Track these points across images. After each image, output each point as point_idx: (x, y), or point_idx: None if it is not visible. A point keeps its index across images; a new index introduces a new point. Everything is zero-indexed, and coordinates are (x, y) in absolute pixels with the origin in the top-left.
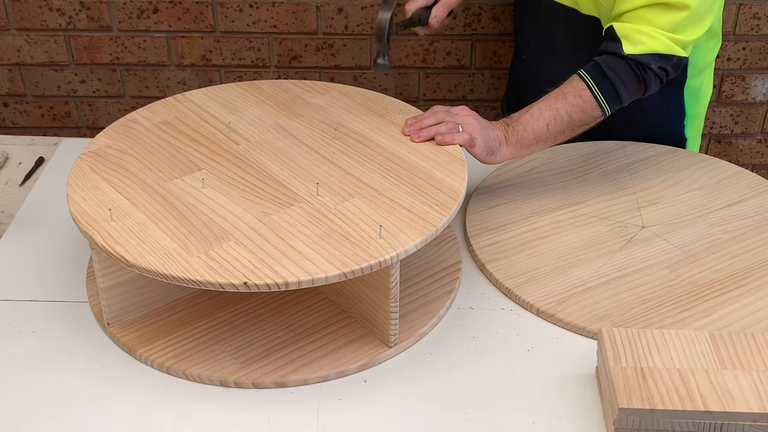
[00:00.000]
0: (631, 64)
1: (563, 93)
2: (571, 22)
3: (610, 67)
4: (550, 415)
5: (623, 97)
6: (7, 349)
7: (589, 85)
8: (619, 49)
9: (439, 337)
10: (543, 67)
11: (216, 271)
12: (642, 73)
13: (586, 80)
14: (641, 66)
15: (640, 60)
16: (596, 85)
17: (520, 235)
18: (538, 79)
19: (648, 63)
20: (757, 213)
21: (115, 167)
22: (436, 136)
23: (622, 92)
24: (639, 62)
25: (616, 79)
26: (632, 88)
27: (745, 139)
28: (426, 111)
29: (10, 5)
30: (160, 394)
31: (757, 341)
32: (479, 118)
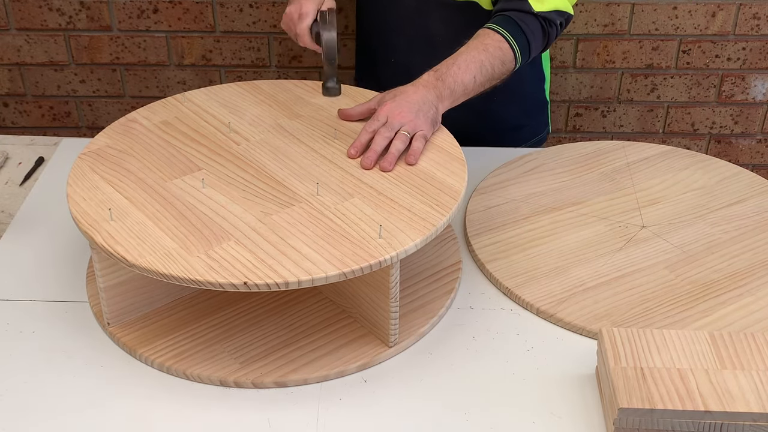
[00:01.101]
0: (540, 20)
1: (484, 45)
2: (447, 12)
3: (524, 22)
4: (550, 415)
5: (532, 52)
6: (7, 349)
7: (506, 38)
8: (527, 6)
9: (439, 337)
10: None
11: (216, 271)
12: (548, 28)
13: (503, 33)
14: (548, 22)
15: (548, 16)
16: (513, 37)
17: (520, 235)
18: None
19: (554, 19)
20: (757, 213)
21: (115, 167)
22: (408, 158)
23: (533, 46)
24: (546, 18)
25: (529, 33)
26: (539, 43)
27: (745, 139)
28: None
29: (10, 5)
30: (160, 394)
31: (757, 341)
32: (407, 99)
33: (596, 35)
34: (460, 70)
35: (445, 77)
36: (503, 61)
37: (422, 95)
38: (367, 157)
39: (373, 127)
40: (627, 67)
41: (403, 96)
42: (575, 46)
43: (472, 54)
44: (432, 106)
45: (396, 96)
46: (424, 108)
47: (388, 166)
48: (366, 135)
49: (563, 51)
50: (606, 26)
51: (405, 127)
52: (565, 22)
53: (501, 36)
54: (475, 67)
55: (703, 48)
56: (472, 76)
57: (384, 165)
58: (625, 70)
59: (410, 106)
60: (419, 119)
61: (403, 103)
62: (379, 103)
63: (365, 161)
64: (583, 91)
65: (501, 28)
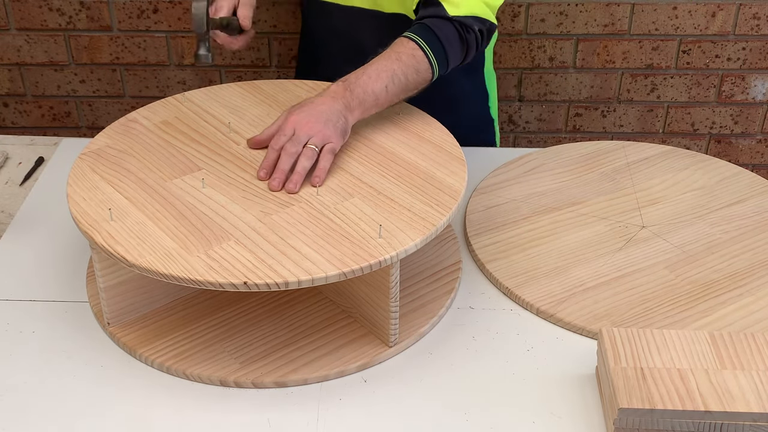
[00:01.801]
0: (455, 25)
1: (396, 53)
2: (377, 23)
3: (439, 28)
4: (550, 415)
5: (450, 60)
6: (7, 349)
7: (420, 46)
8: (442, 12)
9: (439, 337)
10: None
11: (216, 270)
12: (465, 34)
13: (416, 40)
14: (465, 27)
15: (464, 21)
16: (427, 44)
17: (520, 235)
18: None
19: (471, 24)
20: (757, 213)
21: (115, 167)
22: (312, 179)
23: (450, 54)
24: (463, 24)
25: (445, 41)
26: (457, 50)
27: (745, 139)
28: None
29: (10, 5)
30: (160, 394)
31: (757, 341)
32: (314, 109)
33: (596, 35)
34: (370, 80)
35: (354, 87)
36: (417, 70)
37: (330, 105)
38: (275, 179)
39: (279, 143)
40: (627, 67)
41: (310, 106)
42: (575, 46)
43: (384, 63)
44: (341, 116)
45: (302, 107)
46: (332, 118)
47: (294, 188)
48: (273, 153)
49: (563, 51)
50: (606, 26)
51: (313, 139)
52: (486, 32)
53: (415, 44)
54: (386, 76)
55: (703, 48)
56: (383, 86)
57: (289, 187)
58: (625, 70)
59: (318, 116)
60: (328, 129)
61: (311, 113)
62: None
63: (272, 184)
64: (583, 91)
65: (415, 35)
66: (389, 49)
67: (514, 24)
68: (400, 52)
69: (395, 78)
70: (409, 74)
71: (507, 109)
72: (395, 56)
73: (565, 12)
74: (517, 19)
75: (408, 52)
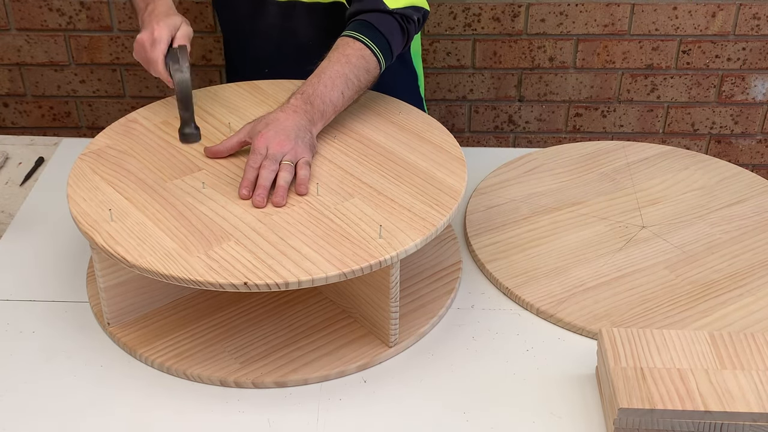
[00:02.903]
0: (396, 17)
1: (346, 56)
2: (314, 15)
3: (380, 23)
4: (550, 415)
5: (394, 52)
6: (7, 349)
7: (367, 44)
8: (381, 5)
9: (439, 337)
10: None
11: (216, 271)
12: (406, 25)
13: (362, 39)
14: (405, 18)
15: (404, 13)
16: (373, 42)
17: (520, 235)
18: None
19: (411, 15)
20: (757, 213)
21: (115, 167)
22: (298, 188)
23: (394, 48)
24: (403, 15)
25: (388, 34)
26: (399, 41)
27: (745, 139)
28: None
29: (10, 5)
30: (160, 394)
31: (757, 341)
32: (282, 126)
33: (596, 35)
34: (327, 89)
35: (313, 100)
36: (368, 70)
37: (295, 121)
38: (258, 195)
39: (257, 161)
40: (627, 67)
41: (277, 124)
42: (575, 46)
43: (336, 68)
44: (306, 131)
45: (269, 124)
46: (300, 134)
47: (281, 200)
48: (252, 171)
49: (563, 51)
50: (606, 26)
51: (287, 156)
52: (422, 18)
53: (361, 43)
54: (341, 82)
55: (703, 48)
56: (339, 93)
57: (276, 200)
58: (625, 70)
59: (287, 133)
60: (299, 146)
61: (280, 131)
62: (250, 134)
63: (256, 200)
64: (583, 91)
65: (360, 34)
66: (337, 53)
67: (514, 24)
68: (349, 55)
69: (349, 82)
70: (361, 76)
71: (507, 109)
72: (344, 60)
73: (565, 12)
74: (517, 19)
75: (356, 54)
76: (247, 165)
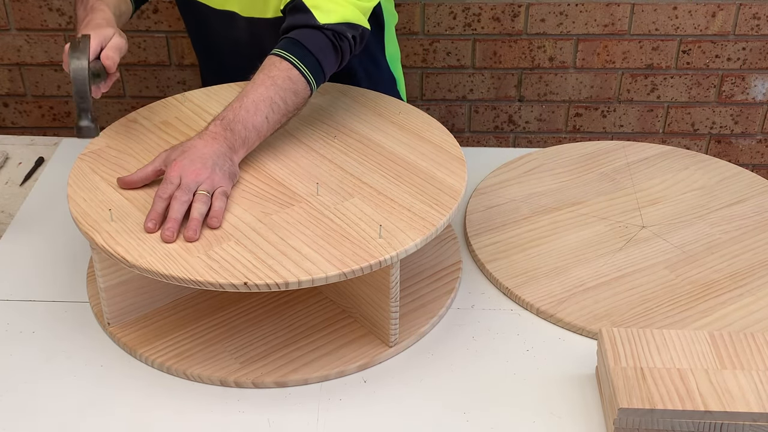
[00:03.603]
0: (327, 34)
1: (271, 78)
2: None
3: (309, 40)
4: (550, 415)
5: (326, 72)
6: (7, 349)
7: (294, 64)
8: (312, 20)
9: (439, 337)
10: None
11: (216, 271)
12: (339, 42)
13: (290, 59)
14: (337, 35)
15: (337, 29)
16: (301, 61)
17: (520, 235)
18: None
19: (344, 32)
20: (757, 213)
21: (115, 167)
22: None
23: (325, 65)
24: (335, 32)
25: (318, 52)
26: (331, 60)
27: (745, 139)
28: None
29: (10, 5)
30: (160, 394)
31: (757, 341)
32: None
33: (596, 35)
34: (249, 114)
35: (234, 125)
36: (295, 92)
37: (214, 149)
38: (168, 229)
39: (167, 191)
40: (627, 67)
41: (193, 151)
42: (575, 46)
43: (260, 91)
44: (226, 159)
45: (185, 152)
46: (219, 162)
47: (193, 235)
48: (161, 202)
49: (563, 51)
50: (606, 26)
51: (202, 186)
52: (359, 37)
53: (289, 63)
54: (264, 106)
55: (703, 48)
56: (263, 117)
57: (189, 235)
58: (625, 70)
59: (203, 161)
60: (216, 175)
61: (196, 159)
62: (165, 162)
63: (166, 234)
64: (583, 91)
65: (287, 53)
66: (262, 74)
67: (514, 24)
68: (275, 77)
69: (274, 106)
70: (288, 98)
71: (507, 109)
72: (270, 82)
73: (565, 12)
74: (517, 19)
75: (283, 75)
76: (156, 195)
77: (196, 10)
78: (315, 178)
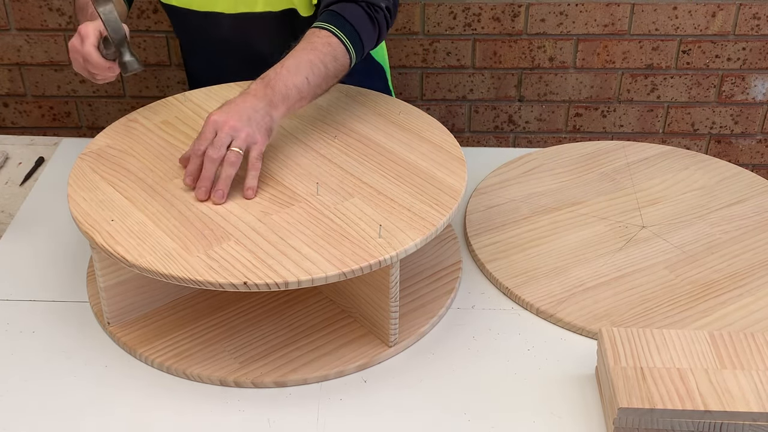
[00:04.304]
0: (362, 5)
1: (311, 44)
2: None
3: (345, 11)
4: (550, 415)
5: (364, 42)
6: (7, 349)
7: (334, 32)
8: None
9: (439, 337)
10: None
11: (216, 271)
12: (374, 14)
13: (329, 28)
14: (372, 7)
15: (371, 0)
16: (340, 30)
17: (520, 235)
18: None
19: (377, 2)
20: (757, 213)
21: (115, 167)
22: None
23: (363, 35)
24: (369, 3)
25: (355, 22)
26: (369, 31)
27: (745, 139)
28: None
29: (10, 5)
30: (160, 394)
31: (757, 341)
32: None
33: (596, 35)
34: (290, 74)
35: (274, 83)
36: (335, 57)
37: (252, 103)
38: (200, 188)
39: (201, 147)
40: (627, 67)
41: (230, 105)
42: (575, 46)
43: (300, 55)
44: (265, 114)
45: (222, 106)
46: (255, 116)
47: (220, 199)
48: (196, 159)
49: (563, 51)
50: (606, 26)
51: (236, 141)
52: (392, 7)
53: (327, 31)
54: (306, 67)
55: (703, 48)
56: (303, 78)
57: (215, 199)
58: (625, 70)
59: (239, 114)
60: (250, 128)
61: (231, 112)
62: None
63: (198, 193)
64: (583, 91)
65: (326, 23)
66: (303, 41)
67: (514, 24)
68: (314, 42)
69: (314, 68)
70: (328, 62)
71: (507, 109)
72: (310, 47)
73: (565, 12)
74: (517, 19)
75: (322, 41)
76: (192, 151)
77: (179, 13)
78: (315, 178)
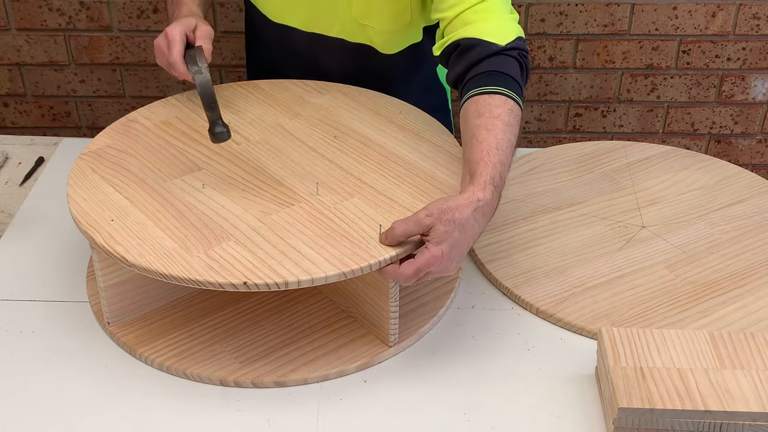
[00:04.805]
0: (512, 54)
1: (503, 121)
2: (339, 52)
3: (503, 66)
4: (550, 415)
5: (523, 90)
6: (7, 349)
7: (509, 96)
8: (495, 48)
9: (439, 337)
10: None
11: (216, 271)
12: (523, 60)
13: (504, 92)
14: (519, 52)
15: (517, 46)
16: (511, 90)
17: (520, 235)
18: None
19: (522, 46)
20: (757, 213)
21: (115, 167)
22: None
23: (522, 85)
24: (516, 48)
25: (515, 75)
26: (523, 78)
27: (745, 139)
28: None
29: (10, 5)
30: (160, 394)
31: (757, 341)
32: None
33: (596, 35)
34: (505, 168)
35: (500, 187)
36: (518, 122)
37: (481, 227)
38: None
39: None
40: (627, 67)
41: (463, 233)
42: (575, 46)
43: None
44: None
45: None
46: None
47: None
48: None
49: (563, 51)
50: (606, 26)
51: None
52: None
53: (504, 96)
54: (510, 152)
55: (703, 48)
56: (509, 165)
57: None
58: (625, 70)
59: (462, 252)
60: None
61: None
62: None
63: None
64: (583, 91)
65: (495, 87)
66: (492, 118)
67: None
68: (501, 116)
69: (512, 147)
70: (517, 132)
71: None
72: (501, 125)
73: (565, 12)
74: None
75: (509, 112)
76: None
77: (258, 18)
78: (315, 178)
